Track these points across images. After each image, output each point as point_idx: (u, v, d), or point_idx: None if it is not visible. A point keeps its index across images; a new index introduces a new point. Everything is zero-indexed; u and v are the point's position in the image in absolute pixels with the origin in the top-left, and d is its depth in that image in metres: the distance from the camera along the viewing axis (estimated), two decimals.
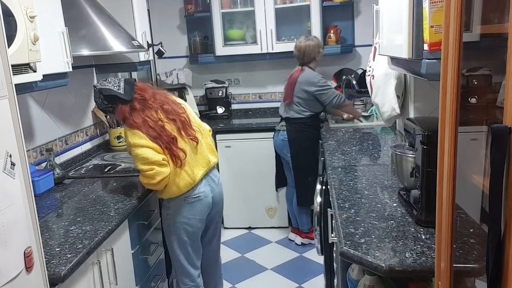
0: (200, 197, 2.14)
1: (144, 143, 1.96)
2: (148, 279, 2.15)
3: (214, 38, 3.77)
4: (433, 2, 1.39)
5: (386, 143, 2.79)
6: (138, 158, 1.97)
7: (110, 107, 2.06)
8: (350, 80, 3.55)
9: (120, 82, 2.05)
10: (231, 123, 3.83)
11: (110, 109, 2.07)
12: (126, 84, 2.04)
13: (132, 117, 2.00)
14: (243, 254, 3.43)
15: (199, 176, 2.11)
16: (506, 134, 0.71)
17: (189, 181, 2.07)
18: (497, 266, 0.76)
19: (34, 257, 1.21)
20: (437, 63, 1.42)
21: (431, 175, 1.40)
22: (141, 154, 1.96)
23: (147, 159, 1.95)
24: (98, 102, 2.07)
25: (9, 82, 1.15)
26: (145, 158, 1.95)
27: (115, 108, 2.03)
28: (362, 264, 1.34)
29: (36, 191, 2.06)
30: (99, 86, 2.04)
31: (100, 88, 2.03)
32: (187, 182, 2.06)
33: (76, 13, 2.39)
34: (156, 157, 1.96)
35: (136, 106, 2.03)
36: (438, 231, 0.98)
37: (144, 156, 1.95)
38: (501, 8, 1.06)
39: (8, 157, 1.11)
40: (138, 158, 1.97)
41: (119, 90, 2.02)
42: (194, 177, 2.09)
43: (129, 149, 2.03)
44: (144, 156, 1.95)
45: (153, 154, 1.96)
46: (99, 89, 2.03)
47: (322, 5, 3.63)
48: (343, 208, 1.69)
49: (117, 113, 2.05)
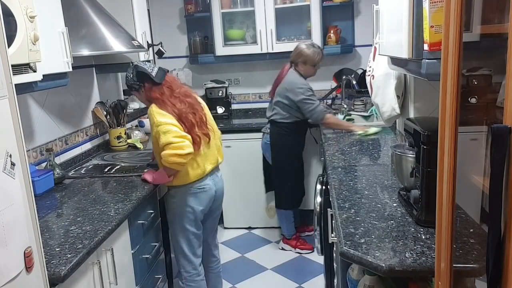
0: (205, 188, 2.29)
1: (172, 121, 2.11)
2: (148, 279, 2.15)
3: (214, 38, 3.77)
4: (433, 2, 1.39)
5: (386, 143, 2.79)
6: (170, 132, 2.07)
7: (137, 85, 2.20)
8: (350, 80, 3.54)
9: (154, 67, 2.23)
10: (231, 123, 3.83)
11: (136, 86, 2.21)
12: (160, 70, 2.22)
13: (162, 97, 2.16)
14: (243, 254, 3.43)
15: (208, 170, 2.28)
16: (506, 134, 0.71)
17: (199, 172, 2.23)
18: (497, 266, 0.76)
19: (34, 257, 1.21)
20: (437, 63, 1.42)
21: (431, 175, 1.40)
22: (172, 129, 2.08)
23: (178, 133, 2.09)
24: (129, 77, 2.22)
25: (9, 82, 1.15)
26: (177, 132, 2.08)
27: (141, 87, 2.20)
28: (362, 264, 1.34)
29: (36, 191, 2.06)
30: (136, 63, 2.23)
31: (137, 65, 2.21)
32: (197, 172, 2.23)
33: (76, 13, 2.39)
34: (184, 133, 2.11)
35: (165, 91, 2.19)
36: (438, 231, 0.98)
37: (176, 131, 2.09)
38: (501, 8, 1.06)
39: (8, 157, 1.11)
40: (169, 132, 2.07)
41: (152, 72, 2.18)
42: (204, 169, 2.26)
43: (156, 128, 2.11)
44: (175, 130, 2.09)
45: (181, 131, 2.11)
46: (135, 65, 2.20)
47: (322, 5, 3.63)
48: (343, 208, 1.69)
49: (145, 91, 2.20)
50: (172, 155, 2.05)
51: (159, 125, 2.09)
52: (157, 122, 2.10)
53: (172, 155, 2.05)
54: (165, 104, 2.14)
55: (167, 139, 2.06)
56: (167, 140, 2.06)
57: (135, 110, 3.57)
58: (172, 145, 2.05)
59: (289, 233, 3.43)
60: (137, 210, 2.03)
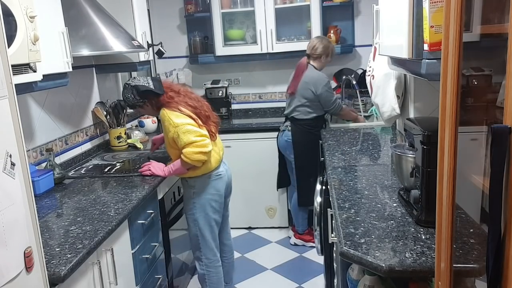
0: (221, 175, 2.42)
1: (189, 121, 2.21)
2: (148, 279, 2.15)
3: (214, 38, 3.77)
4: (433, 2, 1.39)
5: (386, 143, 2.79)
6: (190, 132, 2.19)
7: (141, 102, 2.28)
8: (350, 80, 3.54)
9: (148, 80, 2.29)
10: (231, 123, 3.83)
11: (140, 103, 2.29)
12: (154, 81, 2.29)
13: (173, 100, 2.25)
14: (243, 254, 3.43)
15: (221, 156, 2.44)
16: (506, 134, 0.71)
17: (218, 158, 2.38)
18: (497, 266, 0.76)
19: (34, 257, 1.21)
20: (437, 63, 1.42)
21: (431, 175, 1.40)
22: (191, 129, 2.19)
23: (198, 132, 2.20)
24: (130, 98, 2.27)
25: (9, 82, 1.15)
26: (197, 131, 2.20)
27: (145, 102, 2.28)
28: (362, 264, 1.34)
29: (36, 191, 2.06)
30: (133, 83, 2.26)
31: (135, 84, 2.25)
32: (216, 159, 2.36)
33: (76, 13, 2.39)
34: (203, 131, 2.24)
35: (171, 95, 2.28)
36: (438, 231, 0.98)
37: (195, 130, 2.20)
38: (501, 8, 1.06)
39: (8, 157, 1.11)
40: (189, 132, 2.19)
41: (150, 86, 2.25)
42: (220, 156, 2.41)
43: (173, 129, 2.20)
44: (194, 129, 2.20)
45: (199, 129, 2.23)
46: (134, 85, 2.25)
47: (322, 5, 3.63)
48: (343, 208, 1.69)
49: (150, 104, 2.28)
50: (197, 152, 2.19)
51: (176, 126, 2.19)
52: (174, 124, 2.19)
53: (197, 153, 2.19)
54: (178, 105, 2.24)
55: (188, 138, 2.18)
56: (189, 139, 2.18)
57: (135, 110, 3.57)
58: (196, 143, 2.18)
59: (303, 228, 3.47)
60: (137, 210, 2.03)
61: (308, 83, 3.15)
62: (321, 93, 3.12)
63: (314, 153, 3.22)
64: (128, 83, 2.29)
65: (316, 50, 3.20)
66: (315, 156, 3.21)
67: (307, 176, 3.25)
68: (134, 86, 2.24)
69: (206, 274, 2.48)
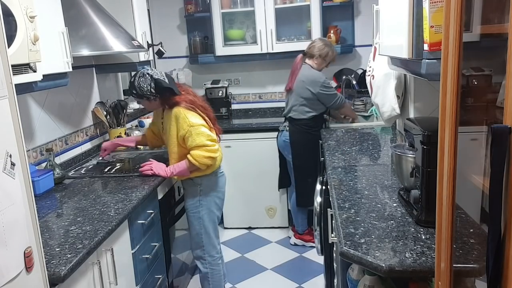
0: (223, 173, 2.50)
1: (203, 122, 2.25)
2: (148, 279, 2.15)
3: (214, 38, 3.77)
4: (433, 2, 1.39)
5: (386, 143, 2.79)
6: (204, 135, 2.22)
7: (154, 95, 2.26)
8: (350, 80, 3.54)
9: (163, 74, 2.29)
10: (231, 123, 3.83)
11: (152, 96, 2.26)
12: (168, 77, 2.30)
13: (186, 99, 2.27)
14: (243, 254, 3.42)
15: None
16: (506, 134, 0.71)
17: (221, 157, 2.42)
18: (497, 266, 0.76)
19: (34, 257, 1.21)
20: (437, 63, 1.42)
21: (431, 175, 1.40)
22: (205, 132, 2.23)
23: (210, 136, 2.24)
24: (144, 88, 2.23)
25: (9, 82, 1.15)
26: (209, 135, 2.24)
27: (156, 97, 2.26)
28: (362, 264, 1.34)
29: (36, 191, 2.06)
30: (156, 76, 2.23)
31: (157, 78, 2.23)
32: (221, 157, 2.41)
33: (76, 13, 2.39)
34: (214, 135, 2.28)
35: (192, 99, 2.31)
36: (438, 231, 0.98)
37: (208, 133, 2.23)
38: (501, 8, 1.06)
39: (8, 157, 1.11)
40: (203, 134, 2.22)
41: (169, 84, 2.26)
42: (222, 156, 2.44)
43: (187, 128, 2.21)
44: (208, 133, 2.23)
45: (211, 132, 2.27)
46: (156, 79, 2.22)
47: (322, 5, 3.63)
48: (343, 208, 1.69)
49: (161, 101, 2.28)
50: (206, 157, 2.23)
51: (192, 126, 2.21)
52: (190, 123, 2.21)
53: (206, 157, 2.23)
54: (192, 103, 2.26)
55: (201, 140, 2.21)
56: (202, 141, 2.21)
57: (135, 110, 3.57)
58: (207, 147, 2.21)
59: (302, 228, 3.47)
60: (137, 210, 2.03)
61: (304, 82, 3.15)
62: (319, 92, 3.12)
63: (313, 153, 3.22)
64: (148, 73, 2.24)
65: (312, 49, 3.20)
66: (314, 157, 3.20)
67: (306, 177, 3.25)
68: (156, 80, 2.22)
69: (210, 273, 2.50)
